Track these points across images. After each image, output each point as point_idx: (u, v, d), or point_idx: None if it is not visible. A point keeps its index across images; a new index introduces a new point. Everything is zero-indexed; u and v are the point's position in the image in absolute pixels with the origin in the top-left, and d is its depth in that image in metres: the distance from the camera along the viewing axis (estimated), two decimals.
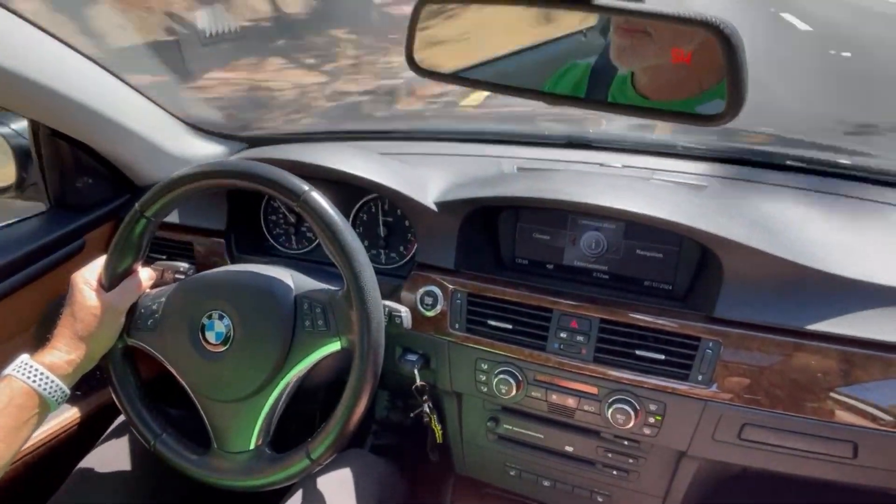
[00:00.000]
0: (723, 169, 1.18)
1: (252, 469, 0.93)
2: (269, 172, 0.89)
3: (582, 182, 1.09)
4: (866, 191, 1.11)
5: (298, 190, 0.88)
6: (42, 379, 0.86)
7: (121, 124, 1.22)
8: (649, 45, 0.79)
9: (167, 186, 0.94)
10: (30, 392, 0.85)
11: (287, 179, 0.89)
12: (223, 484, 0.95)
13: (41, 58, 1.05)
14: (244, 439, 0.94)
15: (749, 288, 0.96)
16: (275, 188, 0.89)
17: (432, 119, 4.22)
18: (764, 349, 0.94)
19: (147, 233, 0.96)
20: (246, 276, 0.98)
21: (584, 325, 1.03)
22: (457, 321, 1.11)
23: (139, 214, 0.95)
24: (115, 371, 0.99)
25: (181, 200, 0.95)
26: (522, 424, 1.16)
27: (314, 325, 0.92)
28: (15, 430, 0.83)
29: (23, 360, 0.87)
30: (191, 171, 0.93)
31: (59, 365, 0.88)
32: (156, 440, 0.98)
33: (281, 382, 0.93)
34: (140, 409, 1.00)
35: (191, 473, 0.96)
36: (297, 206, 0.88)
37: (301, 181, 0.89)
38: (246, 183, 0.91)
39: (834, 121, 4.23)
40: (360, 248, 0.88)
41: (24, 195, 1.36)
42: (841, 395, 0.91)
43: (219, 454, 0.95)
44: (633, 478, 1.13)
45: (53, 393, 0.87)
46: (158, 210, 0.95)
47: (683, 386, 0.98)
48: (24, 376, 0.85)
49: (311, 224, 0.89)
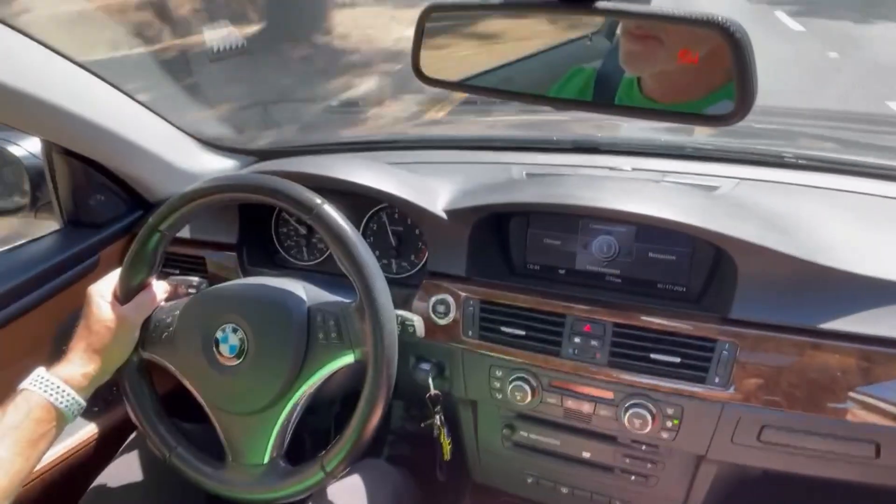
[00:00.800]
0: (734, 169, 1.17)
1: (267, 482, 0.93)
2: (282, 186, 0.90)
3: (592, 186, 1.09)
4: (880, 187, 1.10)
5: (311, 203, 0.88)
6: (59, 392, 0.86)
7: (132, 142, 1.23)
8: (660, 50, 0.78)
9: (180, 201, 0.94)
10: (47, 405, 0.85)
11: (300, 193, 0.89)
12: (238, 497, 0.95)
13: (52, 77, 1.06)
14: (259, 452, 0.94)
15: (764, 288, 0.95)
16: (287, 202, 0.89)
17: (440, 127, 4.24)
18: (781, 349, 0.93)
19: (161, 246, 0.97)
20: (259, 290, 0.98)
21: (597, 329, 1.03)
22: (470, 328, 1.10)
23: (153, 228, 0.95)
24: (131, 385, 1.00)
25: (194, 214, 0.96)
26: (538, 431, 1.16)
27: (327, 337, 0.92)
28: (33, 444, 0.84)
29: (39, 374, 0.87)
30: (204, 186, 0.94)
31: (75, 378, 0.89)
32: (171, 453, 0.99)
33: (295, 395, 0.93)
34: (155, 423, 1.00)
35: (206, 486, 0.97)
36: (309, 219, 0.89)
37: (314, 195, 0.90)
38: (259, 196, 0.92)
39: (841, 118, 4.21)
40: (372, 261, 0.88)
41: (38, 214, 1.37)
42: (861, 395, 0.90)
43: (234, 467, 0.95)
44: (652, 483, 1.12)
45: (70, 406, 0.87)
46: (172, 224, 0.96)
47: (700, 389, 0.97)
48: (41, 390, 0.86)
49: (324, 237, 0.89)
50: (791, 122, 1.97)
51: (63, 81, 1.08)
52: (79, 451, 1.22)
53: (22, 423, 0.83)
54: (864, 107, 4.76)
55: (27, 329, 1.19)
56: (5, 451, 0.81)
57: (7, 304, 1.16)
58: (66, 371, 0.89)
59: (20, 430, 0.83)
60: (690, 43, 0.75)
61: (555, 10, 0.84)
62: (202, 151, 1.41)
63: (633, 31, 0.80)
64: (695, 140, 1.31)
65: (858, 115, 3.59)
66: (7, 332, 1.15)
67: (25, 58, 1.02)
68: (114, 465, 1.14)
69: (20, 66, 1.00)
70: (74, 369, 0.89)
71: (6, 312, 1.16)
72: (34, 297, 1.20)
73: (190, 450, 0.99)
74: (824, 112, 3.79)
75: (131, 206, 1.36)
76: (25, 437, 0.83)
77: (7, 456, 0.81)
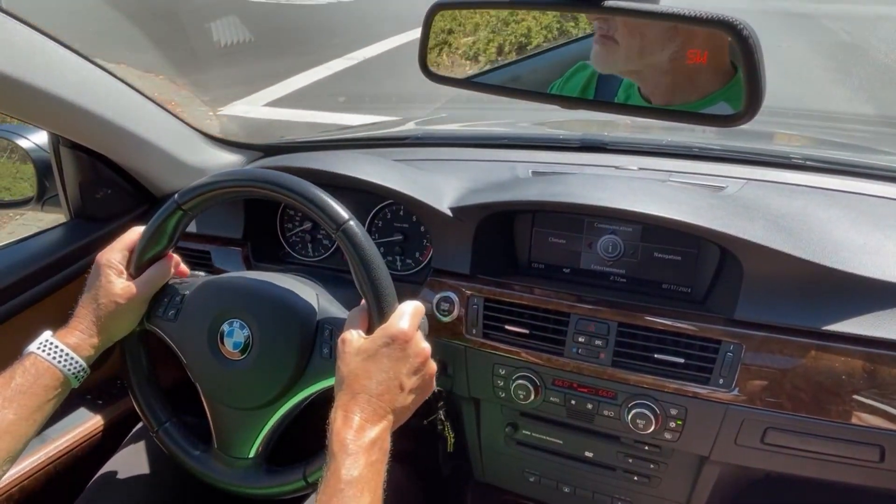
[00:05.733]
0: (740, 170, 1.16)
1: (247, 478, 0.95)
2: (312, 193, 0.88)
3: (598, 185, 1.09)
4: (886, 189, 1.09)
5: (340, 219, 0.86)
6: (67, 360, 0.87)
7: (138, 135, 1.24)
8: (617, 51, 0.81)
9: (208, 185, 0.93)
10: (55, 372, 0.86)
11: (329, 205, 0.87)
12: (215, 485, 0.96)
13: (59, 70, 1.07)
14: (245, 447, 0.95)
15: (770, 289, 0.95)
16: (316, 210, 0.88)
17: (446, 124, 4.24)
18: (786, 351, 0.93)
19: (181, 225, 0.97)
20: (273, 289, 0.97)
21: (601, 329, 1.03)
22: (473, 326, 1.10)
23: (176, 205, 0.94)
24: (130, 354, 1.00)
25: (218, 201, 0.95)
26: (541, 430, 1.16)
27: (332, 353, 0.91)
28: (39, 408, 0.85)
29: (46, 339, 0.88)
30: (233, 175, 0.93)
31: (82, 347, 0.89)
32: (160, 428, 0.99)
33: (290, 402, 0.93)
34: (148, 395, 1.01)
35: (186, 467, 0.98)
36: (335, 234, 0.87)
37: (342, 208, 0.88)
38: (286, 197, 0.90)
39: (850, 120, 4.19)
40: (390, 288, 0.87)
41: (45, 207, 1.38)
42: (866, 398, 0.90)
43: (218, 455, 0.97)
44: (655, 483, 1.12)
45: (77, 373, 0.88)
46: (196, 205, 0.95)
47: (704, 390, 0.97)
48: (50, 356, 0.86)
49: (347, 254, 0.87)
50: (799, 123, 1.96)
51: (70, 75, 1.09)
52: (83, 443, 1.23)
53: (30, 388, 0.84)
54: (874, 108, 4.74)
55: (34, 321, 1.19)
56: (14, 415, 0.82)
57: (14, 296, 1.17)
58: (73, 339, 0.89)
59: (28, 395, 0.84)
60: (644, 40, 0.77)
61: (562, 7, 0.84)
62: (208, 146, 1.41)
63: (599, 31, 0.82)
64: (702, 140, 1.30)
65: (867, 118, 3.57)
66: (14, 323, 1.16)
67: (33, 51, 1.02)
68: (118, 456, 1.14)
69: (28, 59, 1.01)
70: (81, 338, 0.90)
71: (13, 304, 1.16)
72: (41, 289, 1.20)
73: (178, 428, 1.00)
74: (833, 114, 3.78)
75: (137, 199, 1.36)
76: (33, 402, 0.84)
77: (15, 419, 0.82)
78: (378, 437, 0.76)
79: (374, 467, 0.75)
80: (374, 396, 0.78)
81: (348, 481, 0.72)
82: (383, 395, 0.79)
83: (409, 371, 0.82)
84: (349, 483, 0.72)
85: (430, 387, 0.86)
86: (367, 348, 0.81)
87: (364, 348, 0.81)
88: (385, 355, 0.81)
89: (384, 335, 0.82)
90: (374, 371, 0.79)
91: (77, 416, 1.25)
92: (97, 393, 1.31)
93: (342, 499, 0.71)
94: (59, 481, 1.18)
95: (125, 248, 0.96)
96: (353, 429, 0.75)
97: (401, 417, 0.82)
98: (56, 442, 1.18)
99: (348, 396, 0.78)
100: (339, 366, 0.82)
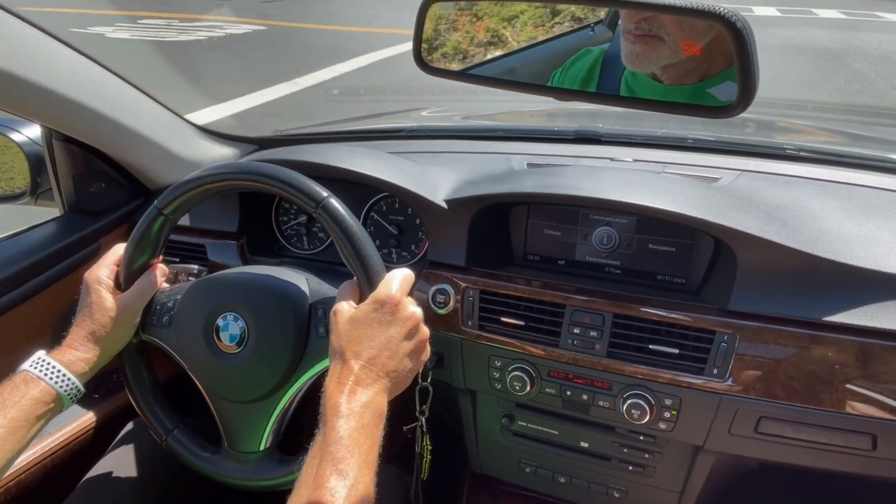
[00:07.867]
0: (735, 161, 1.17)
1: (261, 470, 0.94)
2: (288, 176, 0.89)
3: (593, 177, 1.09)
4: (881, 180, 1.10)
5: (318, 196, 0.87)
6: (60, 377, 0.87)
7: (132, 129, 1.23)
8: (662, 48, 0.78)
9: (185, 185, 0.93)
10: (47, 389, 0.86)
11: (306, 184, 0.88)
12: (232, 483, 0.96)
13: (52, 64, 1.06)
14: (254, 440, 0.95)
15: (764, 280, 0.95)
16: (293, 192, 0.88)
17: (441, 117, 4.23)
18: (780, 342, 0.94)
19: (164, 230, 0.97)
20: (262, 279, 0.98)
21: (597, 320, 1.03)
22: (469, 318, 1.11)
23: (157, 211, 0.95)
24: (130, 367, 1.00)
25: (198, 199, 0.95)
26: (537, 421, 1.16)
27: (328, 331, 0.92)
28: (28, 426, 0.84)
29: (40, 357, 0.87)
30: (209, 171, 0.93)
31: (76, 364, 0.89)
32: (168, 436, 0.99)
33: (292, 387, 0.93)
34: (153, 405, 1.01)
35: (201, 470, 0.97)
36: (314, 212, 0.88)
37: (320, 187, 0.88)
38: (264, 185, 0.90)
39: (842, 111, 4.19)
40: (377, 258, 0.88)
41: (38, 201, 1.37)
42: (859, 387, 0.91)
43: (229, 453, 0.96)
44: (650, 473, 1.13)
45: (70, 391, 0.88)
46: (176, 208, 0.95)
47: (699, 380, 0.97)
48: (42, 373, 0.86)
49: (329, 231, 0.88)
50: (793, 113, 1.96)
51: (63, 68, 1.08)
52: (77, 439, 1.23)
53: (19, 403, 0.83)
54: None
55: (28, 316, 1.19)
56: (1, 430, 0.81)
57: (8, 291, 1.16)
58: (68, 357, 0.89)
59: (17, 410, 0.83)
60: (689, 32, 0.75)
61: (561, 2, 0.83)
62: (202, 139, 1.41)
63: (633, 31, 0.80)
64: (696, 131, 1.31)
65: (860, 108, 3.58)
66: (8, 318, 1.16)
67: (26, 44, 1.01)
68: (111, 452, 1.14)
69: (20, 52, 1.00)
70: (76, 355, 0.89)
71: (7, 299, 1.16)
72: (35, 283, 1.20)
73: (186, 433, 1.00)
74: (826, 104, 3.78)
75: (131, 193, 1.36)
76: (22, 417, 0.83)
77: (2, 434, 0.81)
78: (371, 400, 0.76)
79: (367, 430, 0.74)
80: (366, 361, 0.78)
81: (337, 441, 0.71)
82: (375, 359, 0.78)
83: (401, 335, 0.81)
84: (338, 444, 0.71)
85: (424, 350, 0.86)
86: (356, 316, 0.81)
87: (354, 316, 0.81)
88: (375, 320, 0.81)
89: (373, 301, 0.82)
90: (364, 337, 0.79)
91: (74, 410, 1.25)
92: (92, 388, 1.31)
93: (331, 460, 0.70)
94: (55, 475, 1.18)
95: (112, 264, 0.96)
96: (345, 393, 0.75)
97: (398, 382, 0.82)
98: (53, 436, 1.18)
99: (341, 364, 0.79)
100: (332, 338, 0.82)
